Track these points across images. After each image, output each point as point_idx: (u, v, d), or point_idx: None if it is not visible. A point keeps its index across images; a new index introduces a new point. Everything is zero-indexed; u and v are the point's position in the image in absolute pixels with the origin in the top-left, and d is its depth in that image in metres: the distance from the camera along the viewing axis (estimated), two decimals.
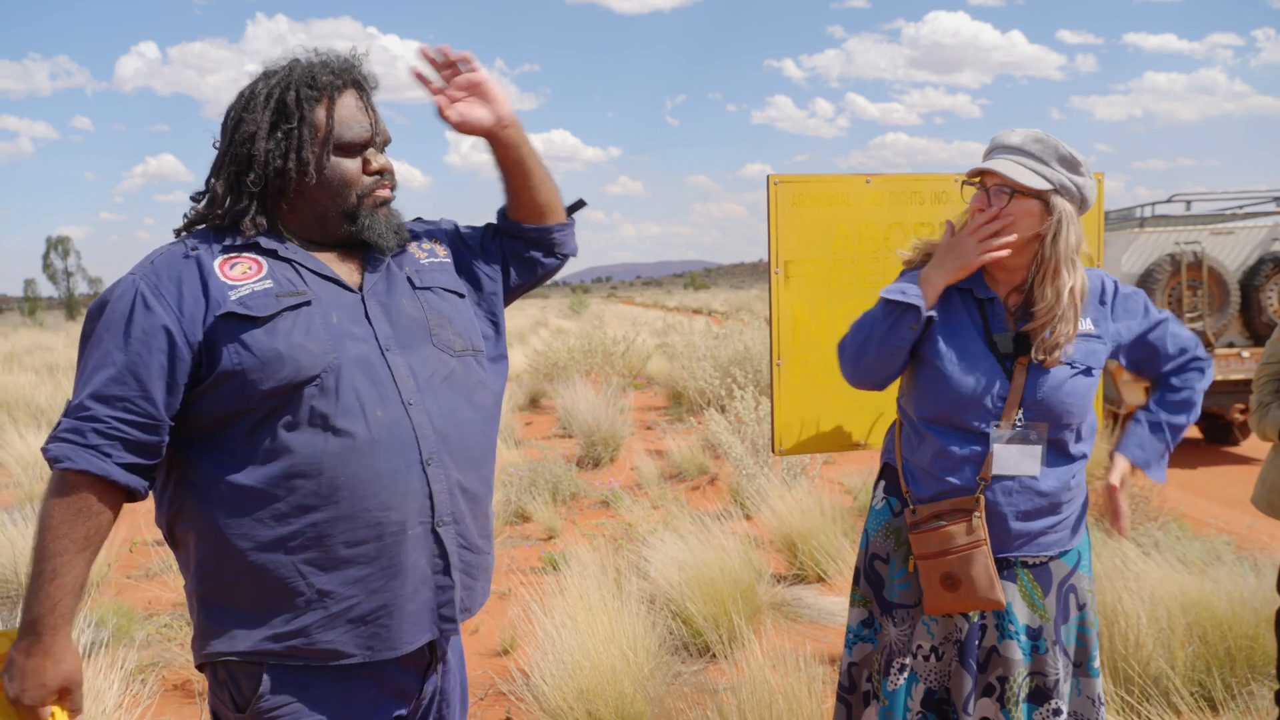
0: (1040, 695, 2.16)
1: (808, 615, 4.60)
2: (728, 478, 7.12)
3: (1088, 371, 2.12)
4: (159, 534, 1.73)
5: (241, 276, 1.61)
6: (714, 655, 4.03)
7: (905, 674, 2.17)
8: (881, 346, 2.11)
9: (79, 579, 1.51)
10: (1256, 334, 8.33)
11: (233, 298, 1.58)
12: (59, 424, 1.54)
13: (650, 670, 3.52)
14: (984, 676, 2.17)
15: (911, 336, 2.10)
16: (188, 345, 1.56)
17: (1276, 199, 9.07)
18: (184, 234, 1.72)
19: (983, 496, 2.09)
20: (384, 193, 1.72)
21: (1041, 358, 2.07)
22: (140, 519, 6.71)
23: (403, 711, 1.72)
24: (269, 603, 1.58)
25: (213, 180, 1.71)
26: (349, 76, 1.70)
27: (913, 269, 2.20)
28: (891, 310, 2.09)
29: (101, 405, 1.53)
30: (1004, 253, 2.05)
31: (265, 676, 1.59)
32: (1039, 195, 2.04)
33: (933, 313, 2.10)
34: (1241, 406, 8.56)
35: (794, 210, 2.48)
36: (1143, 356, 2.23)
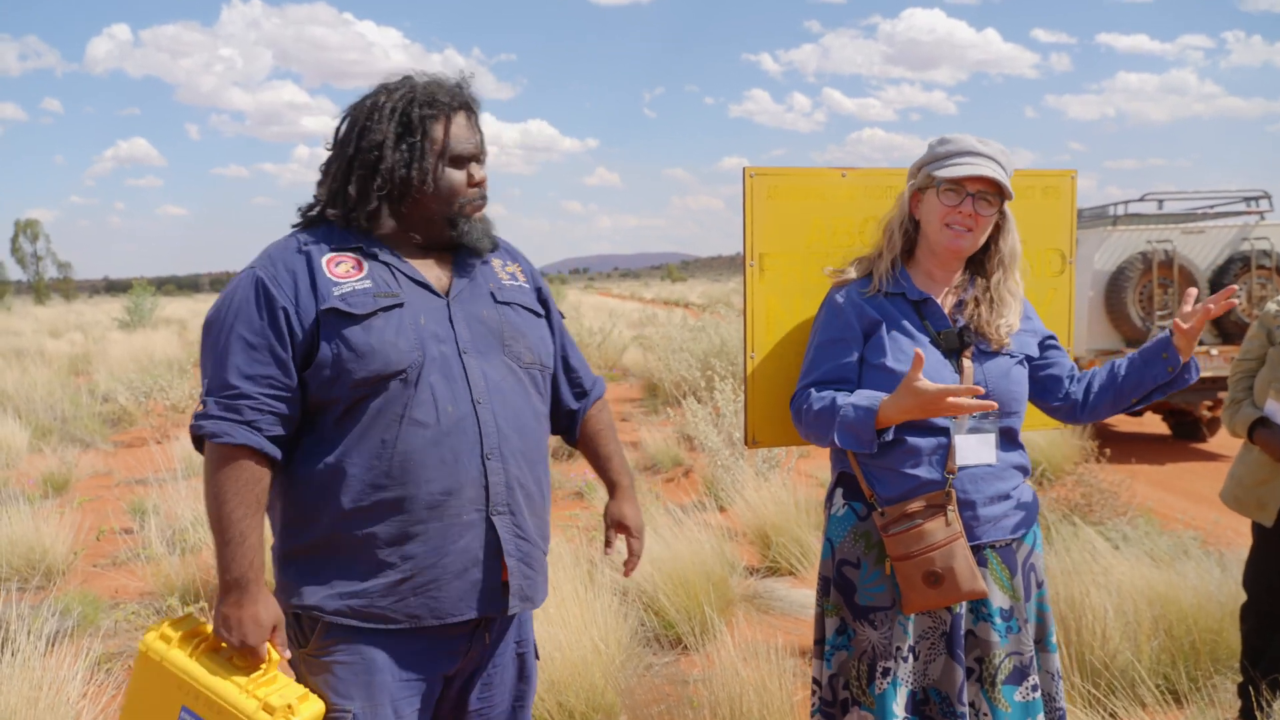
0: (1019, 675, 2.20)
1: (779, 607, 4.61)
2: (702, 470, 7.13)
3: (1023, 361, 2.26)
4: (126, 522, 1.78)
5: (344, 275, 1.80)
6: (686, 647, 4.03)
7: (889, 678, 2.16)
8: (827, 445, 2.21)
9: (261, 537, 1.76)
10: (1225, 332, 8.43)
11: (336, 294, 1.77)
12: (206, 403, 1.75)
13: (622, 662, 3.52)
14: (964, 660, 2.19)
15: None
16: (301, 329, 1.76)
17: (1246, 199, 9.17)
18: (300, 229, 1.89)
19: (952, 489, 2.12)
20: (480, 204, 1.92)
21: (996, 342, 2.20)
22: (107, 506, 6.63)
23: (448, 671, 1.89)
24: (337, 567, 1.79)
25: (338, 183, 1.86)
26: (462, 98, 1.89)
27: (842, 286, 2.27)
28: (847, 437, 2.13)
29: (250, 384, 1.74)
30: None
31: (320, 622, 1.79)
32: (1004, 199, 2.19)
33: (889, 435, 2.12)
34: (1209, 403, 8.67)
35: (770, 203, 2.48)
36: (1049, 361, 2.33)
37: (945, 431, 2.14)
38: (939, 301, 2.23)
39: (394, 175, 1.83)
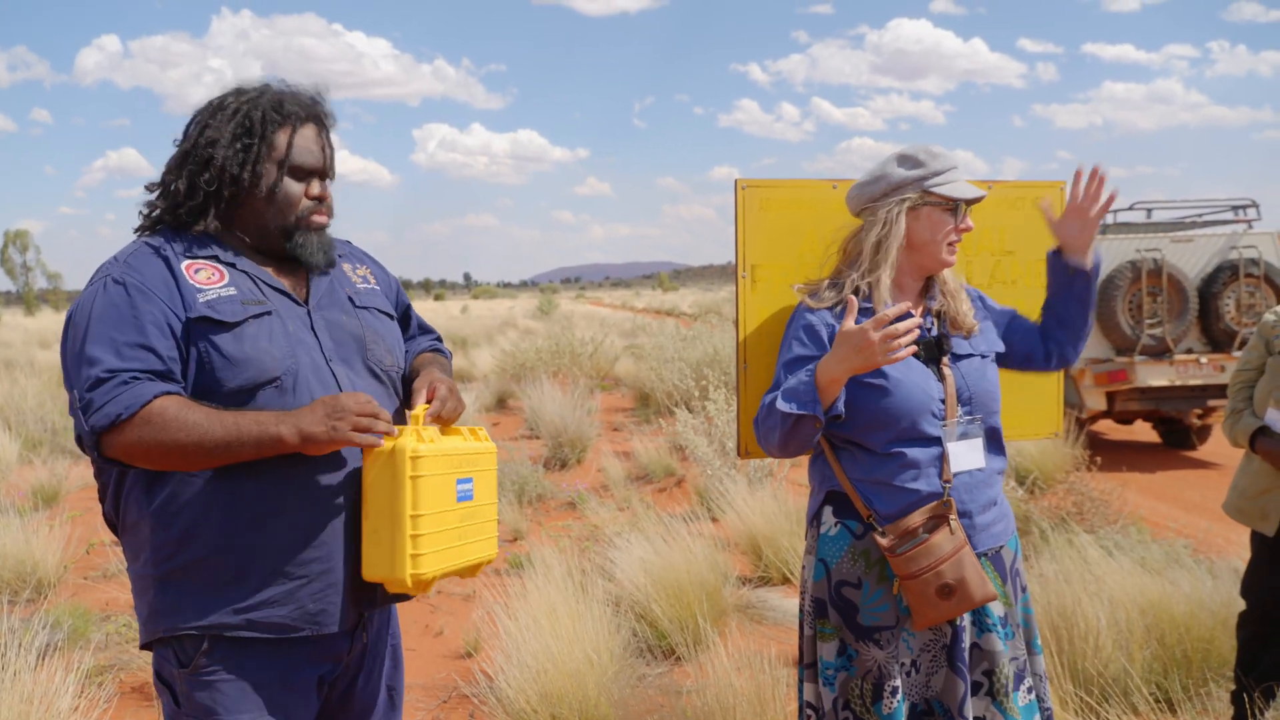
0: (1019, 679, 2.20)
1: (772, 617, 4.61)
2: (694, 480, 7.13)
3: (995, 358, 2.30)
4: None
5: (207, 282, 1.77)
6: (679, 658, 4.03)
7: (898, 695, 2.13)
8: (791, 440, 2.11)
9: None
10: (1214, 340, 8.48)
11: (201, 300, 1.73)
12: (91, 397, 1.63)
13: (615, 673, 3.51)
14: (970, 675, 2.17)
15: (817, 433, 2.08)
16: (176, 336, 1.71)
17: (1234, 208, 9.23)
18: (145, 232, 1.86)
19: (951, 498, 2.12)
20: (320, 218, 1.89)
21: (968, 329, 2.23)
22: (97, 519, 6.59)
23: (334, 673, 1.88)
24: (228, 581, 1.73)
25: (171, 177, 1.84)
26: (313, 111, 1.89)
27: (819, 309, 2.19)
28: (788, 417, 2.06)
29: (118, 359, 1.66)
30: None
31: (206, 640, 1.73)
32: None
33: (839, 410, 2.07)
34: (1199, 411, 8.71)
35: (761, 214, 2.48)
36: (1024, 331, 2.37)
37: (938, 441, 2.14)
38: (912, 313, 2.19)
39: (224, 174, 1.80)
